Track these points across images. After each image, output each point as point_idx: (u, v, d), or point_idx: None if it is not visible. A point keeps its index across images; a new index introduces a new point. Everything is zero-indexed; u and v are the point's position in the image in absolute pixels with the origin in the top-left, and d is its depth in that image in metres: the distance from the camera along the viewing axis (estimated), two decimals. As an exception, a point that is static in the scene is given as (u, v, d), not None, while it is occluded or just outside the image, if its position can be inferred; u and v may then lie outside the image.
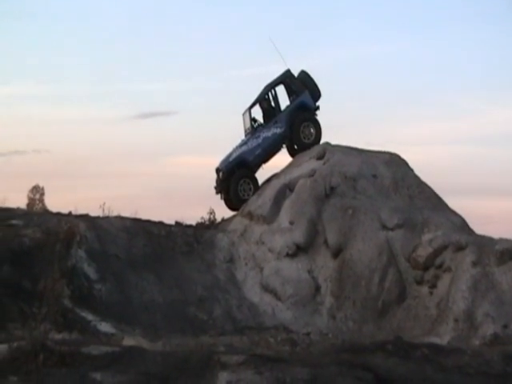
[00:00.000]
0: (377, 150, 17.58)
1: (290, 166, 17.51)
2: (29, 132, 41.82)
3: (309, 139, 17.71)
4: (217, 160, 18.00)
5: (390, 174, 16.48)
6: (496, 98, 43.22)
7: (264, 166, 18.01)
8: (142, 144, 41.04)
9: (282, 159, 18.27)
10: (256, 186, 17.46)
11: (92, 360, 8.40)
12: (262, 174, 18.10)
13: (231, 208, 17.65)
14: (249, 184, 17.41)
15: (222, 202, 17.85)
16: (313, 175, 16.18)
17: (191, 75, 46.58)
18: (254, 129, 17.80)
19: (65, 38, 46.86)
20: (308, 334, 12.60)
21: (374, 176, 16.38)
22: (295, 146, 18.07)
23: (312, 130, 17.81)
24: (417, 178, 16.82)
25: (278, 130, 17.64)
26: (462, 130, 41.72)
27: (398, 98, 43.49)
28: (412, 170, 17.03)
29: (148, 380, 7.61)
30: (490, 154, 40.89)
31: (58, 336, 10.19)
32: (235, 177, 17.35)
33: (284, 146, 18.13)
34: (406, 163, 17.16)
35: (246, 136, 18.03)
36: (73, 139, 41.75)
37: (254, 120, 17.93)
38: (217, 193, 17.80)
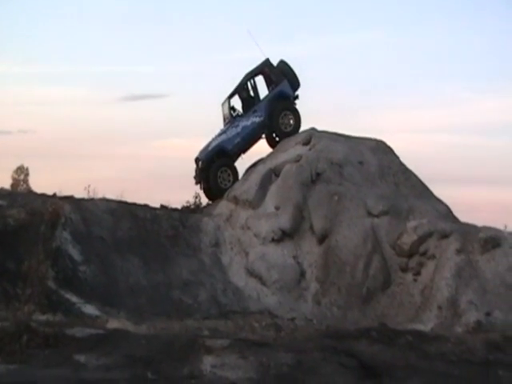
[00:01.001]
0: (363, 137, 17.58)
1: (275, 151, 17.47)
2: (15, 112, 41.48)
3: (288, 128, 17.70)
4: (205, 143, 17.92)
5: (376, 161, 16.50)
6: (483, 87, 43.39)
7: (243, 155, 17.97)
8: (130, 126, 40.88)
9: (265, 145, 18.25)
10: (235, 175, 17.42)
11: (76, 342, 8.40)
12: (247, 159, 18.10)
13: (211, 198, 17.57)
14: (228, 173, 17.35)
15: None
16: (299, 161, 16.16)
17: (181, 58, 46.33)
18: (233, 118, 17.75)
19: (53, 17, 46.45)
20: (293, 319, 12.63)
21: (360, 163, 16.39)
22: (274, 135, 18.05)
23: (291, 119, 17.80)
24: (402, 165, 16.86)
25: (257, 119, 17.61)
26: (448, 118, 41.87)
27: (385, 85, 43.51)
28: (398, 158, 17.06)
29: (132, 363, 7.61)
30: (476, 142, 41.05)
31: (42, 317, 10.15)
32: (214, 166, 17.28)
33: (263, 135, 18.10)
34: (391, 150, 17.19)
35: (225, 125, 17.97)
36: (59, 120, 41.48)
37: (232, 109, 17.87)
38: (196, 183, 17.71)
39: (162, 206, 17.00)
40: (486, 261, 12.95)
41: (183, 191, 18.24)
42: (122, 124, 41.79)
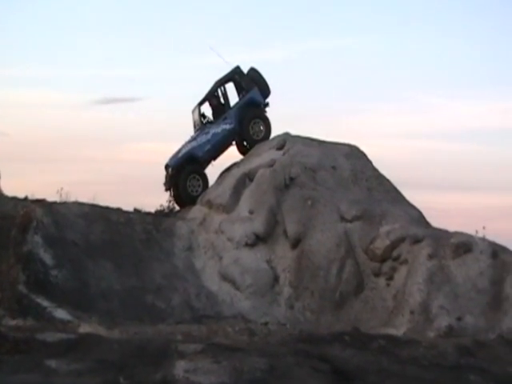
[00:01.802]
0: (336, 142, 17.64)
1: (249, 155, 17.47)
2: (-15, 114, 40.99)
3: (258, 136, 17.71)
4: (178, 147, 17.86)
5: (349, 166, 16.58)
6: (455, 94, 43.79)
7: (213, 162, 17.92)
8: (103, 129, 40.49)
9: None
10: (205, 182, 17.35)
11: (47, 347, 8.31)
12: (221, 163, 18.08)
13: (180, 205, 17.46)
14: (198, 180, 17.27)
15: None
16: (272, 165, 16.18)
17: (154, 62, 46.11)
18: (203, 125, 17.71)
19: (26, 18, 45.98)
20: (266, 323, 12.62)
21: (334, 167, 16.45)
22: (245, 143, 18.08)
23: (262, 127, 17.80)
24: (376, 170, 16.96)
25: (228, 126, 17.58)
26: (422, 124, 42.12)
27: (359, 91, 43.72)
28: (371, 163, 17.15)
29: (104, 368, 7.55)
30: (449, 148, 41.35)
31: (12, 322, 10.07)
32: (184, 173, 17.18)
33: (233, 142, 18.11)
34: (365, 155, 17.27)
35: (195, 132, 17.93)
36: (33, 123, 41.00)
37: (203, 116, 17.82)
38: (166, 189, 17.58)
39: (136, 210, 16.92)
40: (458, 266, 13.06)
41: (157, 195, 18.18)
42: (95, 127, 41.48)
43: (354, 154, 17.10)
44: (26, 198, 15.46)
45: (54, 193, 16.04)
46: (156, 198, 17.65)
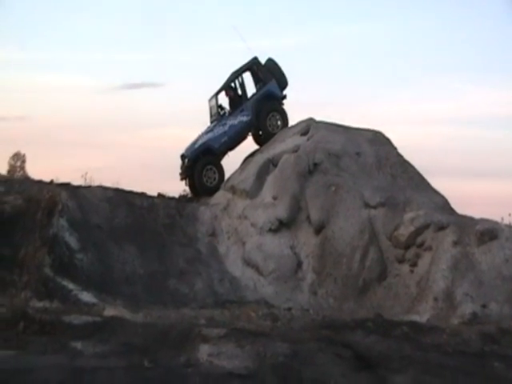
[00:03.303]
0: (361, 128, 17.54)
1: (273, 141, 17.42)
2: (12, 98, 41.32)
3: (275, 129, 17.67)
4: (195, 137, 17.86)
5: (373, 152, 16.47)
6: (481, 80, 43.35)
7: (229, 152, 17.94)
8: (128, 115, 40.74)
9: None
10: (221, 174, 17.33)
11: (73, 329, 8.40)
12: (245, 148, 18.09)
13: (196, 195, 17.41)
14: (214, 171, 17.27)
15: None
16: (296, 151, 16.15)
17: (179, 47, 46.17)
18: (220, 116, 17.70)
19: (53, 4, 46.20)
20: (289, 309, 12.63)
21: (358, 154, 16.36)
22: (261, 135, 18.03)
23: (278, 120, 17.77)
24: (400, 156, 16.83)
25: (245, 118, 17.56)
26: (447, 110, 41.82)
27: (384, 77, 43.46)
28: (395, 149, 17.02)
29: (129, 351, 7.62)
30: (474, 135, 41.03)
31: (39, 304, 10.17)
32: (200, 164, 17.18)
33: (250, 133, 18.08)
34: (389, 142, 17.15)
35: (211, 123, 17.89)
36: (57, 107, 41.33)
37: (220, 107, 17.79)
38: (181, 179, 17.58)
39: (159, 195, 16.98)
40: (483, 253, 12.93)
41: (180, 181, 18.23)
42: (119, 112, 41.69)
43: (379, 140, 16.99)
44: (51, 182, 15.59)
45: (78, 177, 16.19)
46: (179, 184, 17.70)
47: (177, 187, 17.74)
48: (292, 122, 17.89)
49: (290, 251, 14.74)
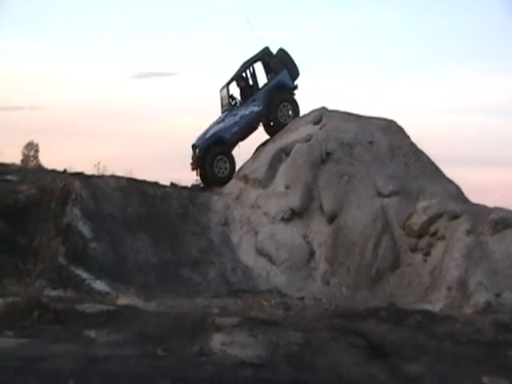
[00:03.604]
0: (374, 117, 17.46)
1: (286, 130, 17.38)
2: (26, 88, 41.42)
3: (286, 120, 17.61)
4: (206, 127, 17.84)
5: (386, 141, 16.39)
6: (496, 68, 43.02)
7: (240, 143, 17.91)
8: (140, 104, 40.67)
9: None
10: (232, 164, 17.29)
11: (86, 318, 8.45)
12: (257, 138, 18.06)
13: (207, 185, 17.41)
14: (225, 162, 17.23)
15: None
16: (309, 140, 16.11)
17: (190, 36, 46.07)
18: (231, 106, 17.65)
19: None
20: (302, 298, 12.65)
21: (371, 142, 16.29)
22: (272, 125, 17.98)
23: (290, 111, 17.71)
24: (413, 145, 16.74)
25: (256, 109, 17.50)
26: (461, 98, 41.54)
27: (396, 65, 43.21)
28: (408, 138, 16.93)
29: (143, 340, 7.65)
30: (489, 123, 40.73)
31: (53, 293, 10.24)
32: (211, 154, 17.14)
33: (261, 123, 18.04)
34: (402, 130, 17.06)
35: (222, 113, 17.84)
36: (71, 97, 41.36)
37: (231, 97, 17.72)
38: (192, 169, 17.55)
39: (172, 184, 17.01)
40: (497, 242, 12.87)
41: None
42: (132, 101, 41.68)
43: (392, 128, 16.91)
44: (64, 171, 15.66)
45: (91, 166, 16.24)
46: (192, 173, 17.70)
47: (189, 176, 17.76)
48: (304, 111, 17.84)
49: (303, 240, 14.73)
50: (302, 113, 17.77)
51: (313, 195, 15.25)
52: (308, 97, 18.36)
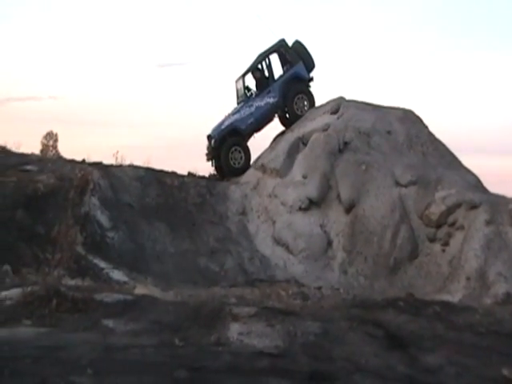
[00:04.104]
0: (391, 106, 17.42)
1: (303, 119, 17.37)
2: (46, 78, 41.70)
3: (302, 112, 17.61)
4: (221, 118, 17.82)
5: (404, 131, 16.34)
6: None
7: (256, 134, 17.90)
8: (157, 94, 40.84)
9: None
10: (247, 155, 17.34)
11: (105, 307, 8.46)
12: (275, 127, 18.02)
13: (223, 176, 17.42)
14: (240, 152, 17.28)
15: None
16: (327, 129, 16.09)
17: (204, 27, 46.09)
18: (247, 97, 17.62)
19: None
20: (319, 288, 12.62)
21: (388, 132, 16.26)
22: (287, 116, 17.91)
23: (305, 102, 17.75)
24: (431, 135, 16.67)
25: (271, 100, 17.53)
26: (477, 87, 41.22)
27: (411, 55, 42.90)
28: (426, 127, 16.86)
29: (160, 329, 7.65)
30: (506, 112, 40.42)
31: (71, 282, 10.28)
32: (226, 145, 17.20)
33: (276, 115, 17.98)
34: (420, 120, 17.00)
35: (238, 104, 17.88)
36: (89, 87, 41.60)
37: (247, 88, 17.76)
38: (208, 160, 17.62)
39: (190, 174, 17.06)
40: (516, 232, 12.79)
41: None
42: (149, 91, 41.84)
43: (409, 118, 16.84)
44: (83, 161, 15.76)
45: (109, 156, 16.35)
46: (209, 163, 17.72)
47: (207, 166, 17.82)
48: (322, 101, 17.83)
49: (320, 230, 14.71)
50: (319, 103, 17.77)
51: (330, 185, 15.22)
52: (326, 87, 18.30)
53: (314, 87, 18.00)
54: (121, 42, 44.49)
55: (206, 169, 17.79)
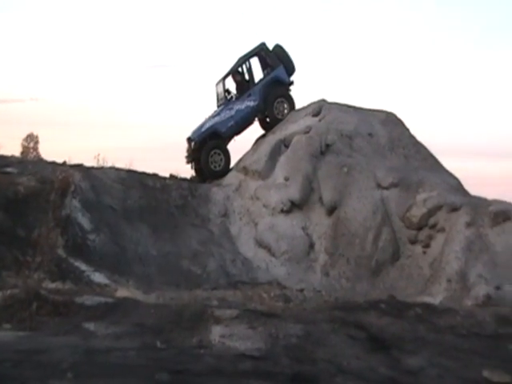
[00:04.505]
0: (373, 109, 17.47)
1: (285, 122, 17.37)
2: (27, 80, 41.51)
3: (282, 115, 17.63)
4: (202, 121, 17.79)
5: (385, 133, 16.41)
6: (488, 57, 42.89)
7: (236, 137, 17.88)
8: (139, 95, 40.74)
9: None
10: (227, 158, 17.28)
11: (85, 310, 8.41)
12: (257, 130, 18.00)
13: (202, 178, 17.35)
14: (220, 155, 17.22)
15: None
16: (308, 132, 16.10)
17: (187, 29, 46.08)
18: (227, 100, 17.61)
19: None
20: (301, 290, 12.64)
21: (370, 134, 16.30)
22: (267, 120, 17.93)
23: (285, 106, 17.75)
24: (413, 137, 16.74)
25: (252, 104, 17.52)
26: (461, 90, 41.51)
27: (392, 58, 43.11)
28: (408, 130, 16.94)
29: (142, 332, 7.62)
30: (487, 115, 40.76)
31: (52, 285, 10.21)
32: (206, 147, 17.12)
33: (256, 118, 18.00)
34: (402, 122, 17.07)
35: (218, 107, 17.85)
36: (71, 88, 41.45)
37: (227, 91, 17.73)
38: (187, 162, 17.57)
39: (172, 176, 17.00)
40: (496, 234, 12.84)
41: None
42: (131, 93, 41.73)
43: (391, 120, 16.91)
44: (64, 163, 15.65)
45: (91, 158, 16.27)
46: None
47: (189, 168, 17.77)
48: (304, 103, 17.85)
49: (303, 232, 14.72)
50: (301, 105, 17.78)
51: (312, 187, 15.24)
52: (307, 89, 18.35)
53: (295, 89, 18.05)
54: (102, 44, 44.40)
55: (188, 171, 17.77)
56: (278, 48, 17.94)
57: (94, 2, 45.21)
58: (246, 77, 17.80)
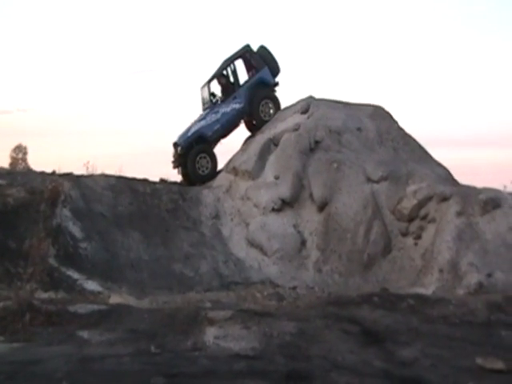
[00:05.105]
0: (361, 103, 17.50)
1: (274, 120, 17.38)
2: (14, 91, 41.46)
3: (267, 117, 17.63)
4: (187, 125, 17.79)
5: (374, 127, 16.43)
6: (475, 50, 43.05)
7: (222, 140, 17.88)
8: (127, 101, 40.73)
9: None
10: (214, 162, 17.26)
11: (79, 318, 8.43)
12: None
13: (189, 183, 17.29)
14: (207, 159, 17.20)
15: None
16: (297, 129, 16.11)
17: (171, 33, 46.06)
18: (212, 104, 17.61)
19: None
20: (294, 288, 12.65)
21: (359, 129, 16.32)
22: (254, 122, 17.96)
23: (271, 107, 17.75)
24: (401, 130, 16.77)
25: (237, 106, 17.51)
26: (448, 80, 41.63)
27: (378, 52, 43.21)
28: (396, 123, 16.97)
29: (136, 337, 7.64)
30: (476, 105, 40.92)
31: (45, 295, 10.21)
32: (193, 152, 17.10)
33: (242, 121, 18.02)
34: (390, 116, 17.10)
35: (204, 110, 17.83)
36: (58, 98, 41.41)
37: (212, 95, 17.71)
38: (174, 167, 17.52)
39: (162, 180, 17.01)
40: (487, 222, 12.86)
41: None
42: (119, 99, 41.70)
43: (379, 114, 16.94)
44: (53, 173, 15.64)
45: (80, 166, 16.26)
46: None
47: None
48: (291, 100, 17.87)
49: (294, 230, 14.73)
50: (289, 103, 17.81)
51: (303, 184, 15.25)
52: (294, 86, 18.37)
53: (283, 87, 18.06)
54: (88, 52, 44.36)
55: (177, 175, 17.76)
56: (263, 49, 17.94)
57: (79, 11, 45.14)
58: (231, 79, 17.79)
